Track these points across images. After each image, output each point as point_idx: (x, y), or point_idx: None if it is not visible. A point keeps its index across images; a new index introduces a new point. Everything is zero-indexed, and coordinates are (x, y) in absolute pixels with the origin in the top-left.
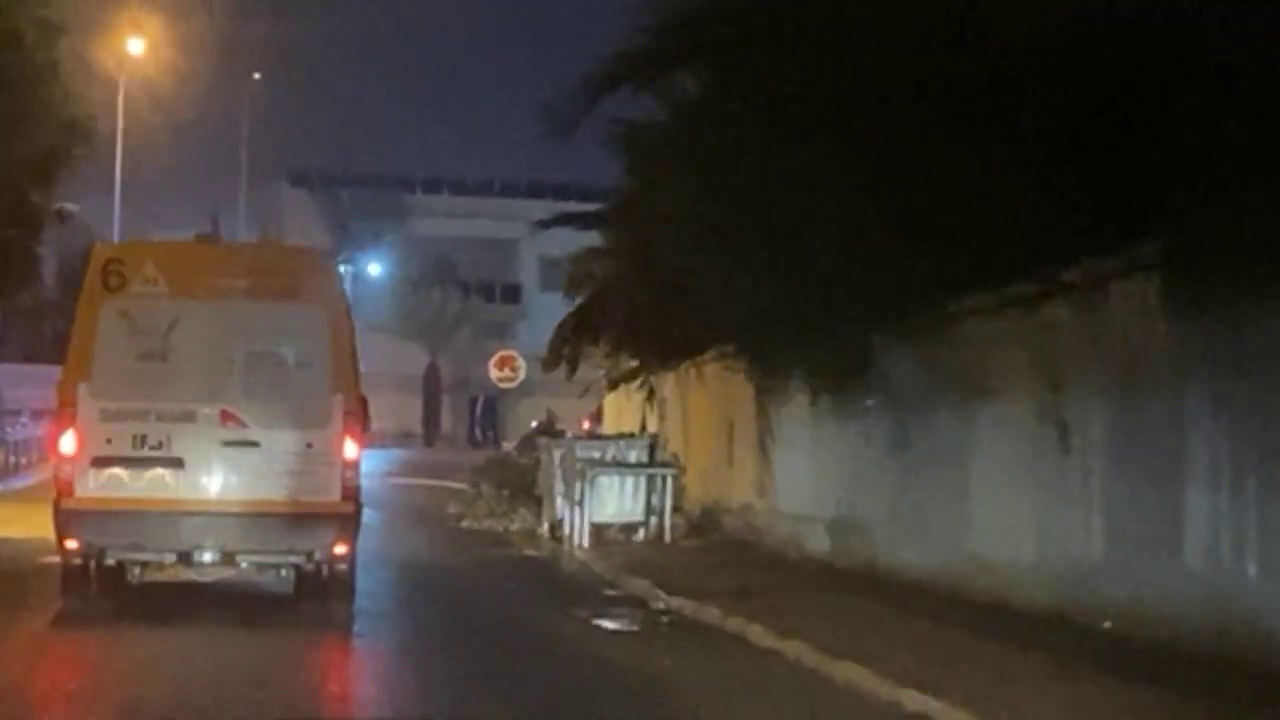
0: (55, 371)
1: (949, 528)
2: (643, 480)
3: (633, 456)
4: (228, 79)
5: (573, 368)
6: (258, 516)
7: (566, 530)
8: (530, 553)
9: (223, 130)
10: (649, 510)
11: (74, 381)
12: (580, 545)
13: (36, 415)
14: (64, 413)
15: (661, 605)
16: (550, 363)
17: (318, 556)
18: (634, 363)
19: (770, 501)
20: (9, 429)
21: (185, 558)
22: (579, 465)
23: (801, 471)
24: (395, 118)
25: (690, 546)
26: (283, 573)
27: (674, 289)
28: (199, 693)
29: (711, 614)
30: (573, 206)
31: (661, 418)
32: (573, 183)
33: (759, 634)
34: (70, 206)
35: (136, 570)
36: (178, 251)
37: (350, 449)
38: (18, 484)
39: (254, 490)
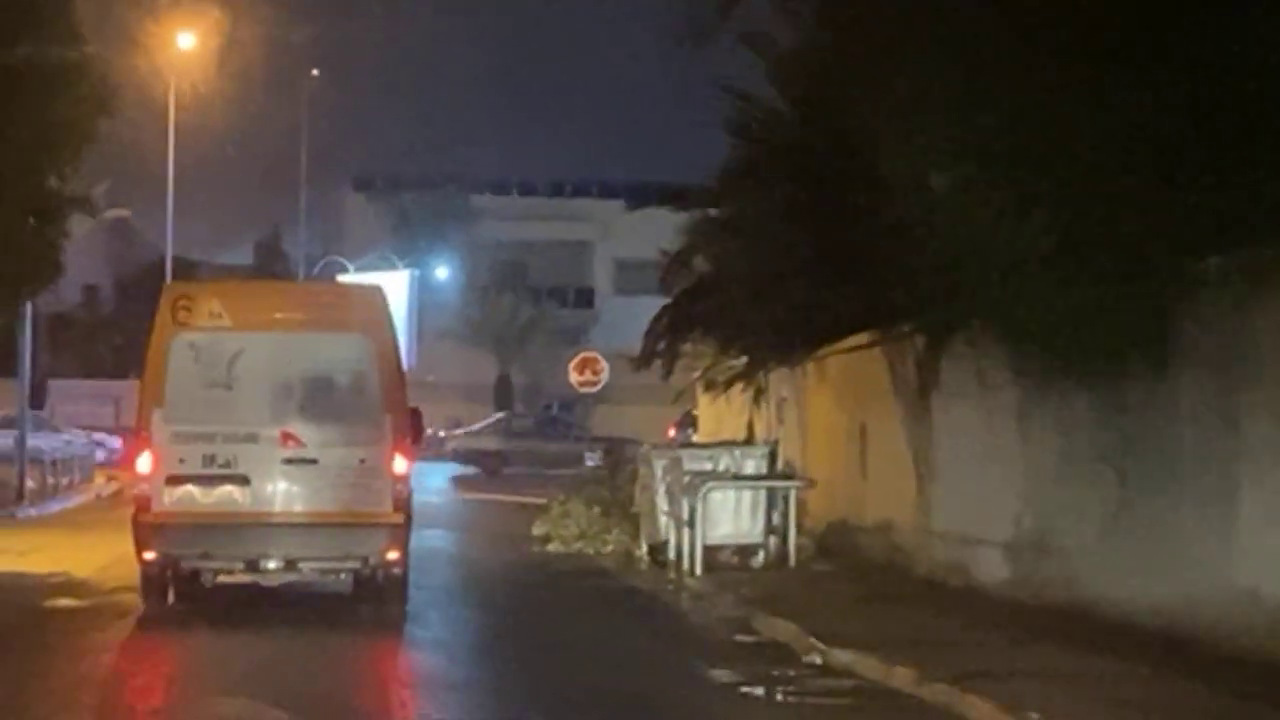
0: (111, 388)
1: (1201, 556)
2: (761, 495)
3: (750, 467)
4: (284, 80)
5: (668, 368)
6: (317, 527)
7: (672, 554)
8: (633, 583)
9: (282, 133)
10: (768, 530)
11: (149, 407)
12: (691, 573)
13: (88, 432)
14: (141, 436)
15: (819, 660)
16: (643, 362)
17: (372, 562)
18: (740, 360)
19: (922, 519)
20: (48, 446)
21: (252, 565)
22: (688, 479)
23: (969, 482)
24: (459, 119)
25: (821, 573)
26: (341, 576)
27: (836, 252)
28: (260, 684)
29: (900, 677)
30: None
31: (779, 421)
32: (647, 182)
33: (988, 714)
34: (121, 211)
35: (209, 576)
36: (240, 289)
37: (400, 464)
38: (53, 508)
39: (313, 503)
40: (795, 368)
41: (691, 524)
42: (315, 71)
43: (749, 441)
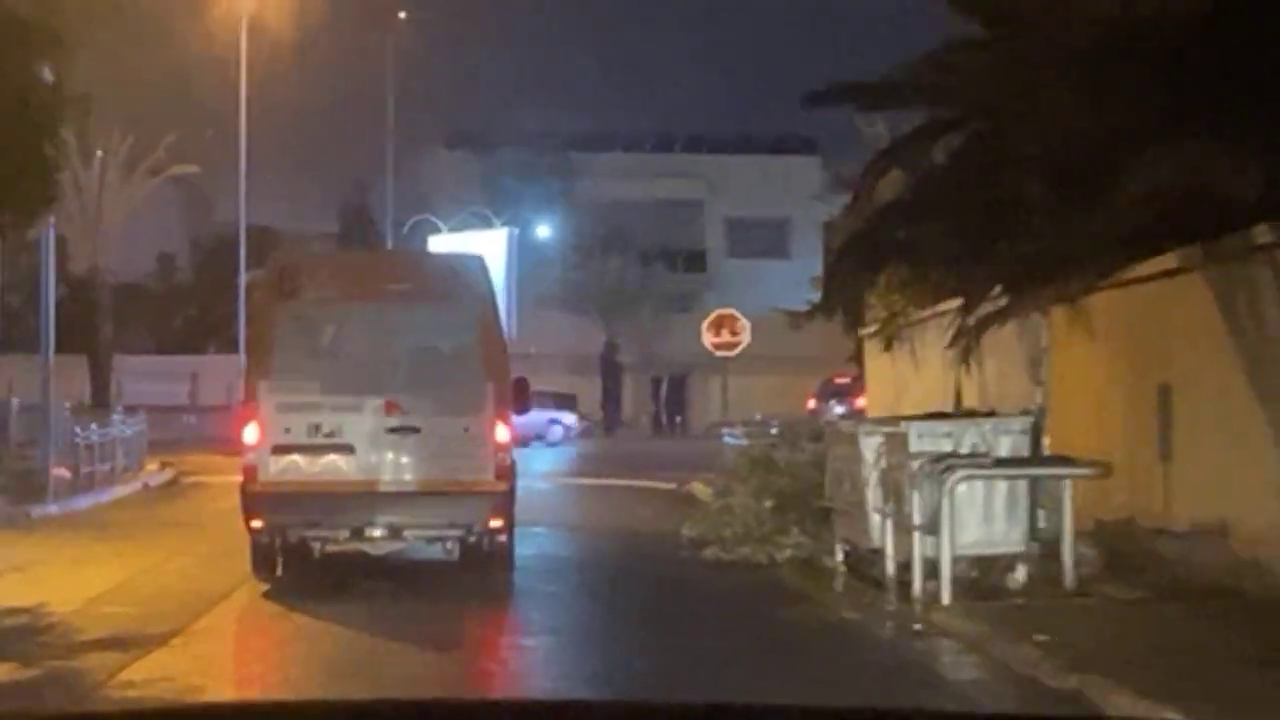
0: (185, 363)
1: None
2: (1020, 488)
3: (1004, 446)
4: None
5: (853, 317)
6: (421, 495)
7: (889, 568)
8: (838, 613)
9: (367, 88)
10: (1030, 535)
11: (256, 378)
12: (935, 600)
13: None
14: (248, 406)
15: None
16: (828, 309)
17: (476, 530)
18: (952, 303)
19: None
20: (87, 430)
21: (357, 533)
22: (918, 464)
23: None
24: (556, 70)
25: (1131, 602)
26: (448, 545)
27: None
28: (363, 653)
29: None
30: (762, 160)
31: (1036, 383)
32: (761, 134)
33: None
34: (188, 168)
35: (318, 546)
36: (344, 261)
37: (502, 432)
38: (82, 504)
39: (417, 471)
40: (1044, 311)
41: (934, 529)
42: (402, 14)
43: (975, 413)
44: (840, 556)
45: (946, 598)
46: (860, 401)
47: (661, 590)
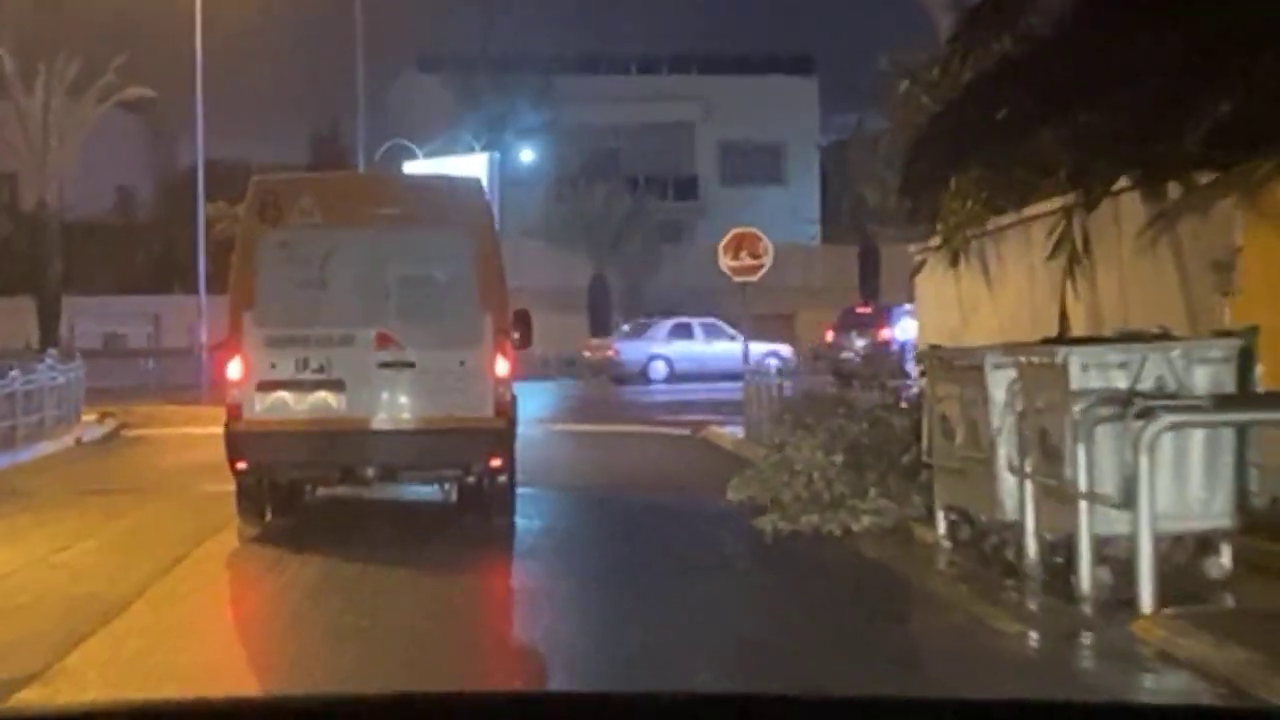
0: (148, 304)
1: None
2: (1224, 440)
3: (1200, 381)
4: None
5: (934, 216)
6: (416, 433)
7: (1030, 548)
8: (999, 624)
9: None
10: (1238, 504)
11: (239, 310)
12: (1122, 601)
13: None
14: (230, 340)
15: None
16: (908, 212)
17: (475, 469)
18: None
19: None
20: (7, 377)
21: (348, 474)
22: (1087, 407)
23: None
24: None
25: None
26: (445, 486)
27: None
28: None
29: None
30: (756, 81)
31: (1222, 294)
32: (755, 53)
33: None
34: (143, 91)
35: (309, 490)
36: (331, 183)
37: (501, 366)
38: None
39: (411, 408)
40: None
41: (1123, 498)
42: None
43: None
44: (943, 528)
45: (1148, 601)
46: (886, 333)
47: (717, 582)
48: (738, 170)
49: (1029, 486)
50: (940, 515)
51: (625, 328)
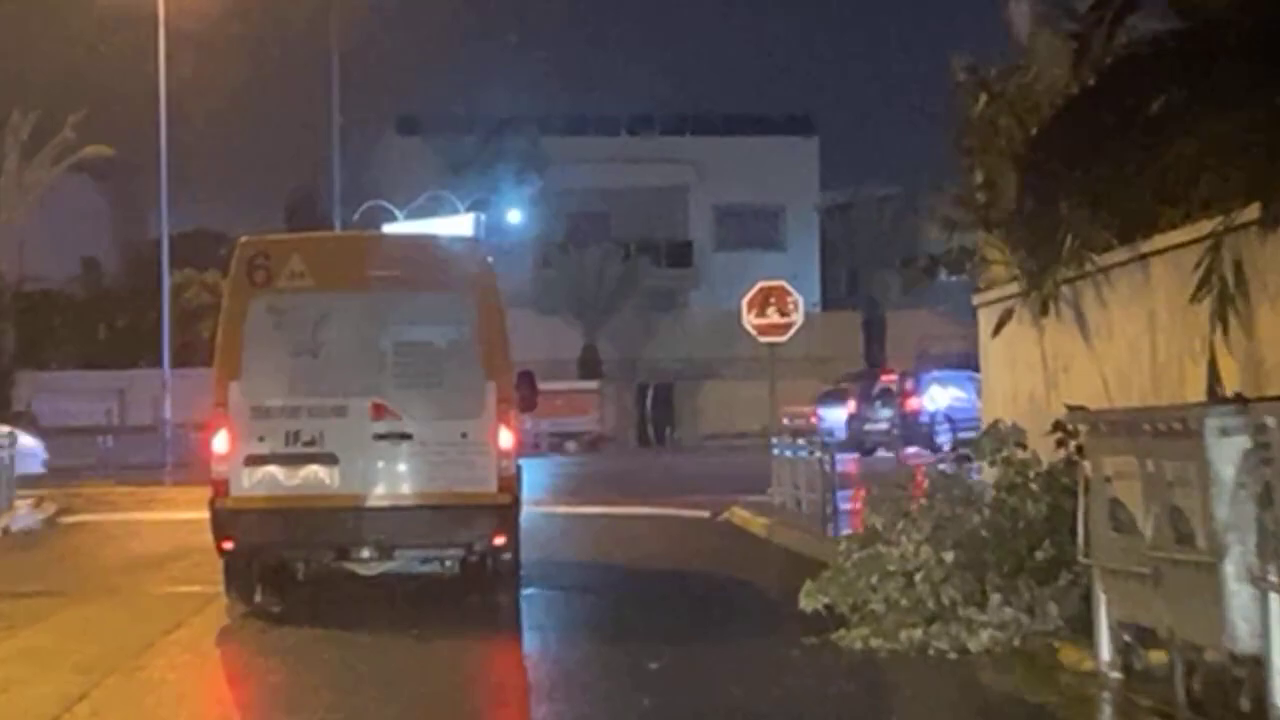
0: (113, 379)
1: None
2: None
3: None
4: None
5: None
6: (414, 510)
7: (1276, 694)
8: None
9: (308, 72)
10: None
11: (225, 380)
12: None
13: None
14: (217, 412)
15: None
16: (1029, 235)
17: (477, 548)
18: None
19: None
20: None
21: (343, 553)
22: None
23: None
24: (519, 55)
25: None
26: (447, 563)
27: None
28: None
29: None
30: (753, 142)
31: None
32: (750, 113)
33: None
34: (102, 150)
35: (301, 566)
36: (323, 244)
37: (505, 437)
38: None
39: (409, 483)
40: None
41: None
42: None
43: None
44: (1107, 652)
45: None
46: (915, 402)
47: None
48: (734, 235)
49: (1277, 602)
50: (1104, 634)
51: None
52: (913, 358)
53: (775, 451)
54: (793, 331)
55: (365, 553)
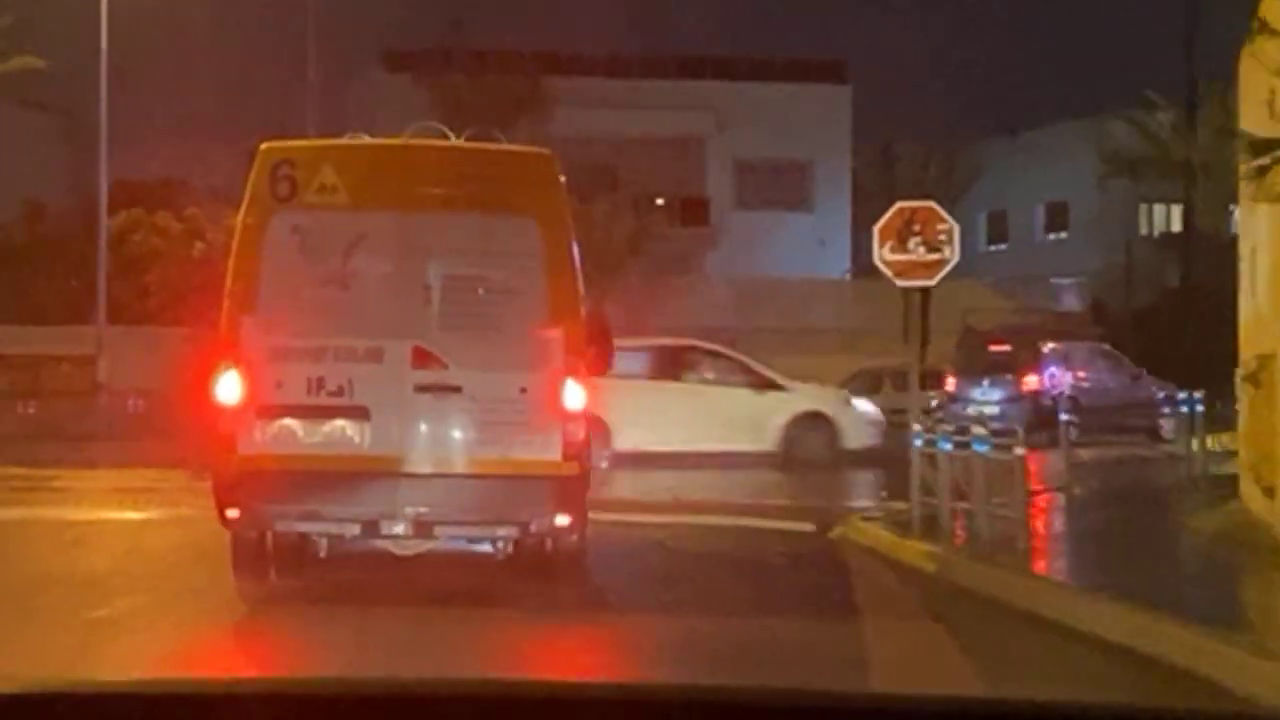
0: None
1: None
2: None
3: None
4: None
5: None
6: (459, 479)
7: None
8: None
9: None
10: None
11: (236, 314)
12: None
13: None
14: (224, 352)
15: None
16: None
17: (534, 528)
18: None
19: None
20: None
21: (371, 529)
22: None
23: None
24: None
25: None
26: (499, 544)
27: None
28: None
29: None
30: (780, 90)
31: None
32: (777, 57)
33: None
34: (32, 61)
35: (323, 543)
36: (361, 153)
37: (574, 395)
38: None
39: (455, 447)
40: None
41: None
42: None
43: None
44: None
45: None
46: (1034, 381)
47: None
48: (756, 192)
49: None
50: None
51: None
52: (958, 332)
53: (918, 444)
54: (945, 272)
55: (399, 529)
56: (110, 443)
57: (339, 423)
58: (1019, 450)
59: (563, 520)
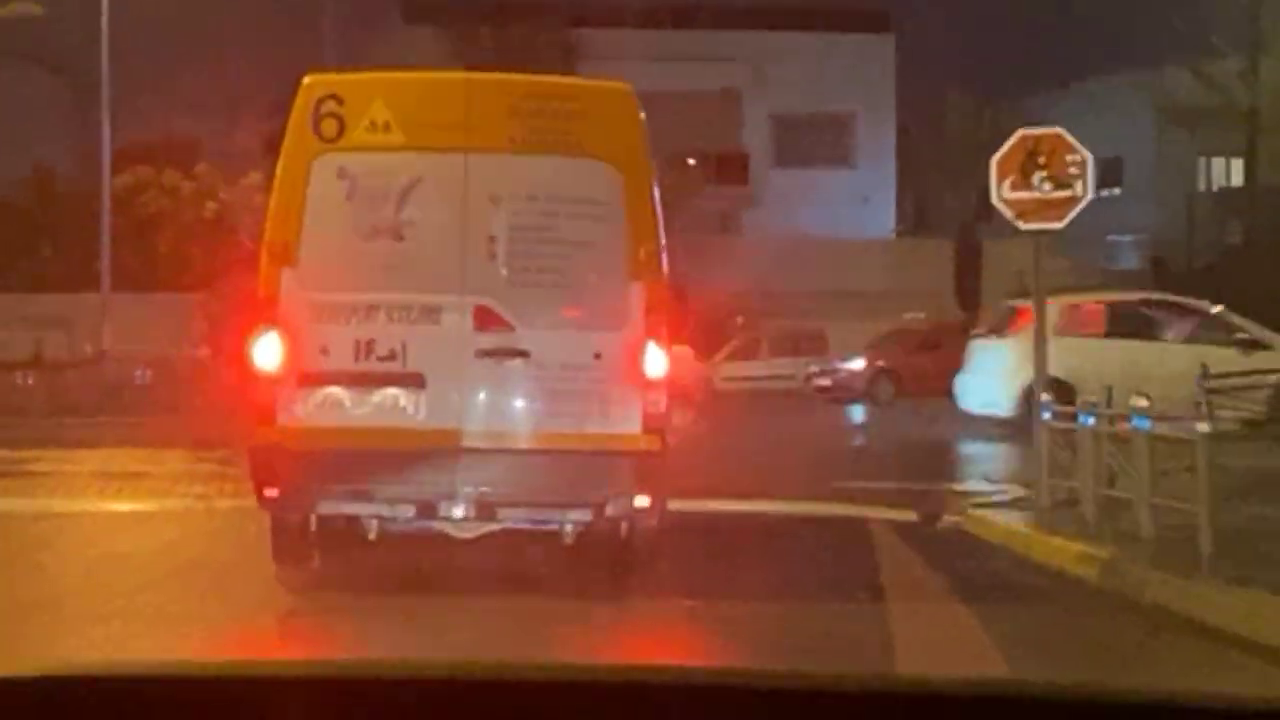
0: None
1: None
2: None
3: None
4: None
5: None
6: (526, 455)
7: None
8: None
9: None
10: None
11: (276, 266)
12: None
13: None
14: (262, 310)
15: None
16: None
17: (610, 511)
18: None
19: None
20: None
21: (427, 511)
22: None
23: None
24: None
25: None
26: (566, 528)
27: None
28: None
29: None
30: (820, 40)
31: None
32: (816, 6)
33: None
34: (29, 8)
35: (372, 525)
36: (419, 87)
37: (656, 361)
38: None
39: (521, 419)
40: None
41: None
42: None
43: None
44: None
45: None
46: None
47: None
48: (795, 148)
49: None
50: None
51: None
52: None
53: (1047, 416)
54: (1075, 212)
55: (458, 510)
56: (112, 418)
57: (391, 391)
58: (1202, 427)
59: (642, 502)
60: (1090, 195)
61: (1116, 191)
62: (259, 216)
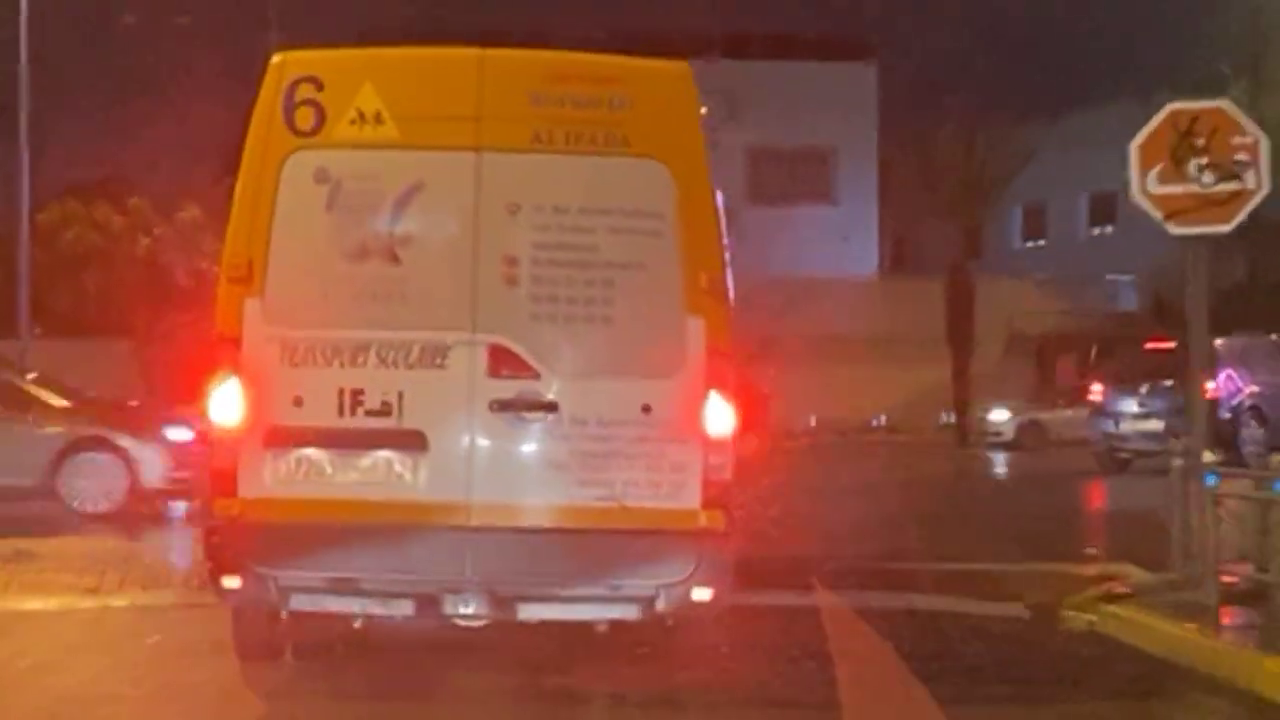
0: None
1: None
2: None
3: None
4: None
5: None
6: (553, 536)
7: None
8: None
9: None
10: None
11: (237, 296)
12: None
13: None
14: (219, 351)
15: None
16: None
17: (662, 605)
18: None
19: None
20: None
21: (429, 606)
22: None
23: None
24: None
25: None
26: (601, 628)
27: None
28: None
29: None
30: (798, 69)
31: None
32: (795, 34)
33: None
34: None
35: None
36: (419, 66)
37: (720, 415)
38: None
39: (547, 489)
40: None
41: None
42: None
43: None
44: None
45: None
46: (1214, 387)
47: None
48: (773, 183)
49: None
50: None
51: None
52: (1004, 339)
53: (1211, 482)
54: (1247, 210)
55: (468, 606)
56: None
57: (383, 454)
58: None
59: (701, 595)
60: (1266, 188)
61: (1109, 229)
62: (196, 254)
